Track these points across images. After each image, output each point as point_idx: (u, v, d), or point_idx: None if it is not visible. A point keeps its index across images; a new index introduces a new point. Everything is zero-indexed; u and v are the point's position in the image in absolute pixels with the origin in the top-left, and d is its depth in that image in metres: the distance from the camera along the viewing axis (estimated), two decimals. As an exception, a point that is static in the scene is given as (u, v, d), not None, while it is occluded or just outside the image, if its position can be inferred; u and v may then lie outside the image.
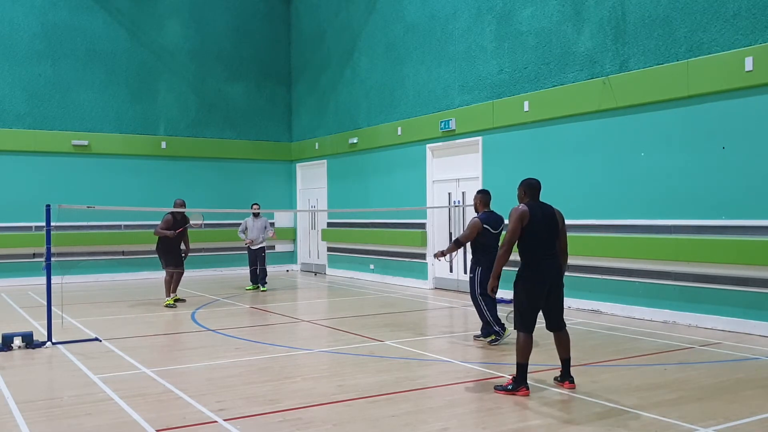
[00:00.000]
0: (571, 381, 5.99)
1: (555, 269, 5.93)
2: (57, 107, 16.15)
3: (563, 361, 6.07)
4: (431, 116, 13.93)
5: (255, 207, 14.12)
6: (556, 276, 5.95)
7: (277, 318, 10.41)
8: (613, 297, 10.25)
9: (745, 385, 6.08)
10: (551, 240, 5.95)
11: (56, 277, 8.65)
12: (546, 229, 5.91)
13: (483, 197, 8.32)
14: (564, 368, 6.07)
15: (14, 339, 7.93)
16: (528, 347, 5.83)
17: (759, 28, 8.56)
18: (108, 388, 6.07)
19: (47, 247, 8.18)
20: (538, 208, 5.96)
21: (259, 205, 14.52)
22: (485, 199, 8.31)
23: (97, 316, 10.73)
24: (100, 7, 16.70)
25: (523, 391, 5.73)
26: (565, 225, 6.12)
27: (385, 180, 15.43)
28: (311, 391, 5.97)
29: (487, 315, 8.04)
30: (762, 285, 8.49)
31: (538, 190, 6.10)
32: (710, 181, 9.08)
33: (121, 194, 16.33)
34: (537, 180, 6.16)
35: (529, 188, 6.08)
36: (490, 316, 8.02)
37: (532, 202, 6.02)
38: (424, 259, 14.29)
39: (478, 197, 8.33)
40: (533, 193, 6.07)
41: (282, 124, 19.27)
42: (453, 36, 13.41)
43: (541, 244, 5.89)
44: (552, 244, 5.95)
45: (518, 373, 5.80)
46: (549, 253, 5.91)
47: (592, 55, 10.70)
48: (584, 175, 10.78)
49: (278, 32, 19.20)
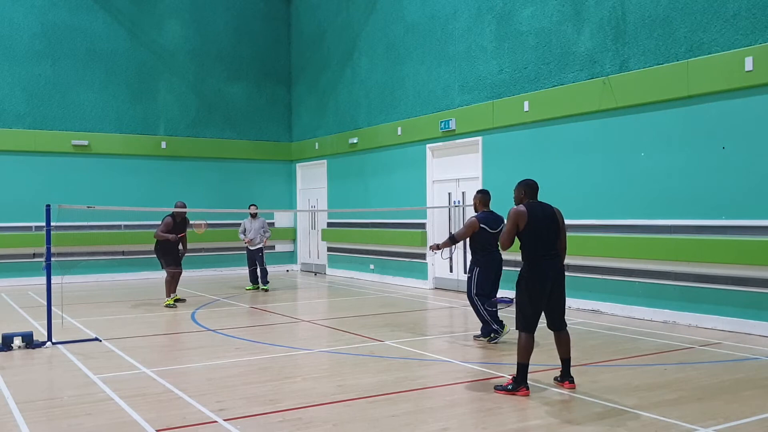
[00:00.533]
0: (571, 381, 5.99)
1: (556, 268, 5.94)
2: (57, 107, 16.15)
3: (563, 361, 6.07)
4: (431, 116, 13.93)
5: (252, 208, 14.11)
6: (558, 275, 5.96)
7: (277, 318, 10.41)
8: (613, 297, 10.25)
9: (745, 385, 6.08)
10: (552, 239, 5.96)
11: (56, 277, 8.65)
12: (546, 229, 5.93)
13: (482, 197, 8.35)
14: (564, 368, 6.07)
15: (14, 339, 7.93)
16: (529, 347, 5.83)
17: (759, 28, 8.56)
18: (108, 388, 6.07)
19: (47, 247, 8.19)
20: (538, 208, 5.99)
21: (256, 206, 14.52)
22: (485, 199, 8.33)
23: (97, 316, 10.73)
24: (100, 7, 16.70)
25: (522, 391, 5.73)
26: (564, 224, 6.14)
27: (385, 180, 15.43)
28: (311, 391, 5.97)
29: (484, 314, 8.07)
30: (762, 285, 8.49)
31: (536, 189, 6.14)
32: (710, 181, 9.08)
33: (121, 194, 16.33)
34: (534, 180, 6.20)
35: (528, 188, 6.12)
36: (488, 315, 8.05)
37: (533, 201, 6.05)
38: (424, 259, 14.29)
39: (478, 197, 8.37)
40: (533, 192, 6.10)
41: (282, 124, 19.27)
42: (453, 36, 13.41)
43: (542, 243, 5.90)
44: (553, 243, 5.96)
45: (518, 373, 5.80)
46: (550, 253, 5.93)
47: (592, 55, 10.70)
48: (584, 175, 10.79)
49: (278, 32, 19.21)
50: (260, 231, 14.15)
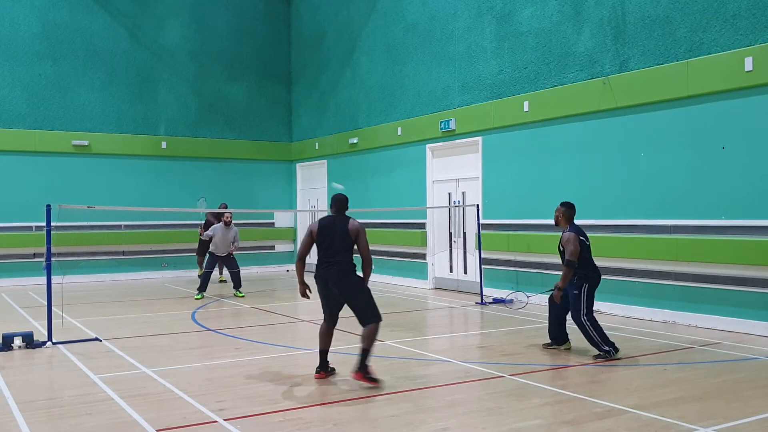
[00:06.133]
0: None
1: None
2: (57, 107, 16.15)
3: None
4: (431, 116, 13.93)
5: (223, 206, 13.85)
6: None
7: (277, 318, 10.41)
8: (613, 297, 10.25)
9: (745, 385, 6.09)
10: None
11: (56, 277, 8.66)
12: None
13: (566, 211, 7.58)
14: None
15: (14, 339, 7.94)
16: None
17: (759, 28, 8.57)
18: (108, 388, 6.07)
19: (47, 247, 8.19)
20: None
21: (226, 204, 14.46)
22: (569, 213, 7.57)
23: (97, 316, 10.73)
24: (100, 7, 16.70)
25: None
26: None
27: (385, 180, 15.43)
28: (311, 391, 5.98)
29: (595, 336, 7.21)
30: (762, 285, 8.49)
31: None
32: (710, 181, 9.08)
33: (121, 194, 16.33)
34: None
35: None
36: (598, 337, 7.21)
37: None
38: (424, 259, 14.29)
39: (562, 210, 7.59)
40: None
41: (282, 124, 19.27)
42: (453, 36, 13.42)
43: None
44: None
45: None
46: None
47: (592, 55, 10.70)
48: (584, 175, 10.79)
49: (278, 32, 19.21)
50: (230, 244, 12.85)
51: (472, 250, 12.86)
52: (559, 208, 7.64)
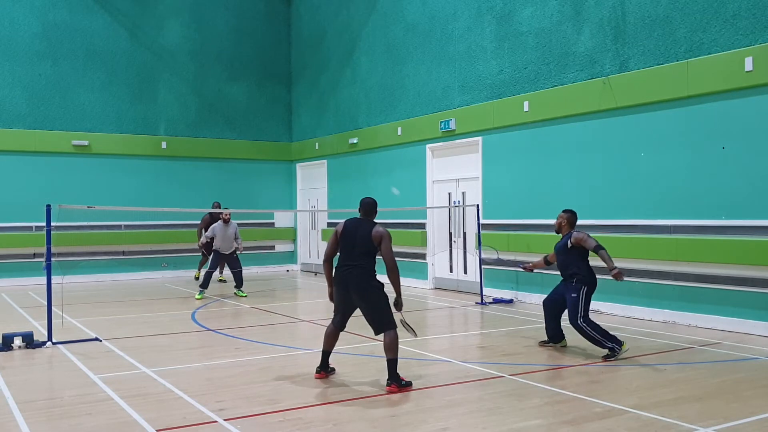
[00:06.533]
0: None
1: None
2: (57, 107, 16.15)
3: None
4: (431, 116, 13.93)
5: (216, 205, 13.83)
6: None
7: (277, 318, 10.41)
8: (612, 297, 10.25)
9: (745, 385, 6.09)
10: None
11: (56, 277, 8.66)
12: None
13: (570, 217, 7.76)
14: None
15: (14, 339, 7.93)
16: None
17: (759, 28, 8.57)
18: (108, 388, 6.07)
19: (47, 247, 8.19)
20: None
21: (219, 204, 14.42)
22: (572, 220, 7.76)
23: (97, 316, 10.73)
24: (100, 7, 16.70)
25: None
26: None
27: (386, 180, 15.42)
28: (311, 391, 5.98)
29: (596, 336, 7.24)
30: (762, 285, 8.49)
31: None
32: (710, 181, 9.08)
33: (121, 194, 16.32)
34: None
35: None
36: (599, 335, 7.24)
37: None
38: (424, 259, 14.29)
39: (565, 217, 7.76)
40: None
41: (282, 124, 19.27)
42: (453, 36, 13.41)
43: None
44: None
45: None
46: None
47: (592, 55, 10.70)
48: (584, 175, 10.78)
49: (278, 32, 19.20)
50: (232, 239, 12.83)
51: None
52: (562, 215, 7.77)
